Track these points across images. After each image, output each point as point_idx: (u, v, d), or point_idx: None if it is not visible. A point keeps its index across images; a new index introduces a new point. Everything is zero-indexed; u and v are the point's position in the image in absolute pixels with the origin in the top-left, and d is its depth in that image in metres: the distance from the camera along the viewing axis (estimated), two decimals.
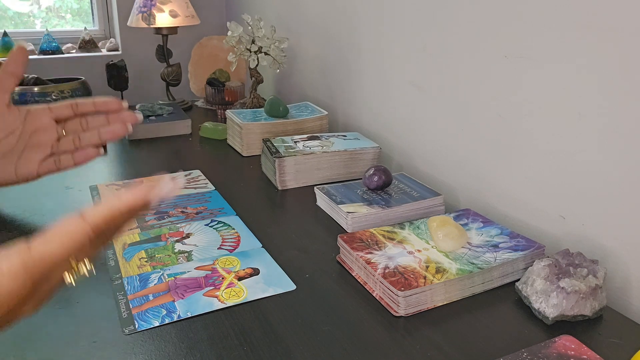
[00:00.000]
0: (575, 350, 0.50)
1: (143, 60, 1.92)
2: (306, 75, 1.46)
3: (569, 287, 0.57)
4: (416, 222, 0.74)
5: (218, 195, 0.92)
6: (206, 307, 0.60)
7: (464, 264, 0.64)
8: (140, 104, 1.36)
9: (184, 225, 0.80)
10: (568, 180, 0.71)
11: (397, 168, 1.07)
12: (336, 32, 1.26)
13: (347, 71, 1.23)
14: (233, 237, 0.76)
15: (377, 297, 0.62)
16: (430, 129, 0.97)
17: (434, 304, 0.60)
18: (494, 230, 0.72)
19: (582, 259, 0.62)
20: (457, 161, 0.91)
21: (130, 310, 0.59)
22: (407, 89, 1.02)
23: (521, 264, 0.66)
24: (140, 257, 0.70)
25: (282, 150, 0.97)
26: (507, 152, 0.80)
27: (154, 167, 1.07)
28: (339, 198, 0.83)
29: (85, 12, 2.05)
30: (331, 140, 1.03)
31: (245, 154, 1.13)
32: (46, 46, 1.85)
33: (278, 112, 1.16)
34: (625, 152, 0.63)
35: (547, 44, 0.71)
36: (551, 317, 0.57)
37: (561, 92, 0.70)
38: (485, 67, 0.81)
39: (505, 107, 0.79)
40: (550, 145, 0.73)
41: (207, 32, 1.85)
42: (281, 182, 0.95)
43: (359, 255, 0.65)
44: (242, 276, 0.66)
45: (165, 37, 1.54)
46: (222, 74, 1.56)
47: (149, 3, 1.48)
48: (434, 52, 0.93)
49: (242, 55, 1.30)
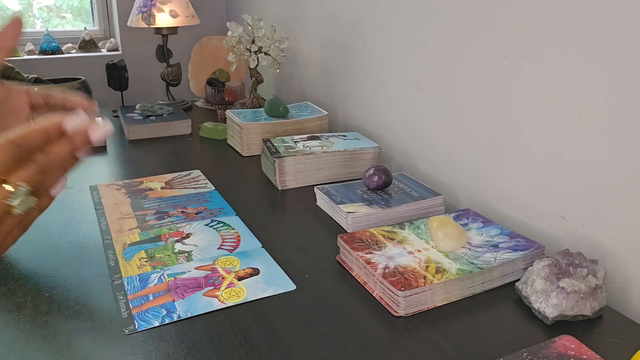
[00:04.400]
0: (575, 350, 0.50)
1: (143, 60, 1.92)
2: (306, 75, 1.46)
3: (569, 287, 0.57)
4: (416, 222, 0.74)
5: (218, 195, 0.92)
6: (206, 307, 0.60)
7: (464, 264, 0.64)
8: (141, 104, 1.36)
9: (184, 225, 0.80)
10: (568, 180, 0.71)
11: (397, 168, 1.07)
12: (336, 32, 1.26)
13: (347, 71, 1.23)
14: (233, 237, 0.76)
15: (377, 297, 0.62)
16: (430, 129, 0.97)
17: (434, 304, 0.60)
18: (494, 230, 0.72)
19: (582, 258, 0.62)
20: (457, 161, 0.91)
21: (130, 310, 0.59)
22: (407, 89, 1.02)
23: (521, 264, 0.66)
24: (140, 257, 0.70)
25: (282, 150, 0.97)
26: (507, 152, 0.80)
27: (153, 167, 1.07)
28: (339, 198, 0.83)
29: (85, 11, 2.04)
30: (331, 140, 1.03)
31: (245, 154, 1.13)
32: (46, 46, 1.85)
33: (278, 112, 1.16)
34: (625, 152, 0.63)
35: (547, 44, 0.71)
36: (551, 317, 0.57)
37: (561, 92, 0.70)
38: (485, 67, 0.82)
39: (505, 107, 0.79)
40: (550, 145, 0.73)
41: (207, 32, 1.85)
42: (281, 182, 0.95)
43: (359, 255, 0.65)
44: (242, 276, 0.66)
45: (165, 37, 1.54)
46: (222, 74, 1.56)
47: (149, 3, 1.48)
48: (434, 52, 0.93)
49: (242, 55, 1.30)
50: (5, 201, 0.43)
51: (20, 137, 0.44)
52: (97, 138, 0.49)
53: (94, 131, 0.48)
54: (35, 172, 0.45)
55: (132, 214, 0.83)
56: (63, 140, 0.47)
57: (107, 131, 0.49)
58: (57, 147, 0.47)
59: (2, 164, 0.43)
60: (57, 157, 0.47)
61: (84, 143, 0.48)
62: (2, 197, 0.43)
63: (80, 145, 0.48)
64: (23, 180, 0.44)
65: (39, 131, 0.45)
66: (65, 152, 0.47)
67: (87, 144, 0.48)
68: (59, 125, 0.46)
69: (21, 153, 0.44)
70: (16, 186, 0.44)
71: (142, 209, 0.86)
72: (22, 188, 0.44)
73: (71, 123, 0.47)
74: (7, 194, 0.43)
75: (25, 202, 0.45)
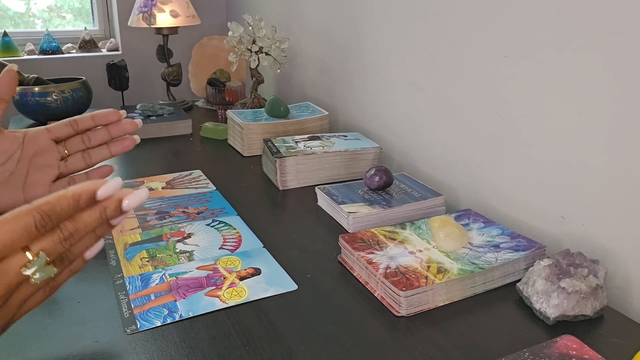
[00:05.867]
0: (577, 350, 0.50)
1: (143, 60, 1.92)
2: (307, 75, 1.46)
3: (570, 287, 0.57)
4: (417, 222, 0.75)
5: (219, 195, 0.92)
6: (208, 307, 0.60)
7: (465, 264, 0.64)
8: (141, 104, 1.36)
9: (185, 225, 0.80)
10: (568, 180, 0.71)
11: (398, 168, 1.07)
12: (337, 32, 1.26)
13: (348, 71, 1.23)
14: (234, 237, 0.76)
15: (379, 297, 0.62)
16: (430, 129, 0.97)
17: (436, 304, 0.61)
18: (495, 230, 0.72)
19: (583, 259, 0.62)
20: (457, 161, 0.91)
21: (132, 310, 0.59)
22: (408, 89, 1.02)
23: (522, 264, 0.66)
24: (141, 257, 0.70)
25: (283, 151, 0.97)
26: (507, 152, 0.80)
27: (154, 167, 1.07)
28: (340, 198, 0.83)
29: (86, 11, 2.05)
30: (332, 140, 1.04)
31: (246, 154, 1.13)
32: (46, 46, 1.85)
33: (279, 112, 1.17)
34: (625, 151, 0.63)
35: (547, 44, 0.71)
36: (552, 317, 0.57)
37: (561, 92, 0.70)
38: (485, 67, 0.82)
39: (505, 107, 0.79)
40: (550, 145, 0.73)
41: (207, 32, 1.85)
42: (282, 182, 0.95)
43: (361, 255, 0.65)
44: (243, 276, 0.66)
45: (165, 37, 1.54)
46: (223, 74, 1.56)
47: (150, 3, 1.48)
48: (434, 52, 0.93)
49: (242, 56, 1.30)
50: (20, 269, 0.42)
51: (47, 203, 0.42)
52: (131, 206, 0.45)
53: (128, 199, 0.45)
54: (59, 241, 0.44)
55: (134, 213, 0.83)
56: (94, 208, 0.45)
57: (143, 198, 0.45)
58: (87, 215, 0.45)
59: (24, 232, 0.41)
60: (87, 226, 0.45)
61: (116, 212, 0.45)
62: (19, 266, 0.42)
63: (113, 214, 0.46)
64: (44, 249, 0.43)
65: (69, 198, 0.43)
66: (96, 220, 0.45)
67: (120, 213, 0.45)
68: (91, 192, 0.44)
69: (46, 221, 0.42)
70: (35, 255, 0.42)
71: (143, 208, 0.86)
72: (40, 258, 0.43)
73: (104, 191, 0.44)
74: (25, 263, 0.42)
75: (43, 271, 0.43)
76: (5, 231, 0.40)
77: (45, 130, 0.73)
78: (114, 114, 0.75)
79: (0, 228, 0.40)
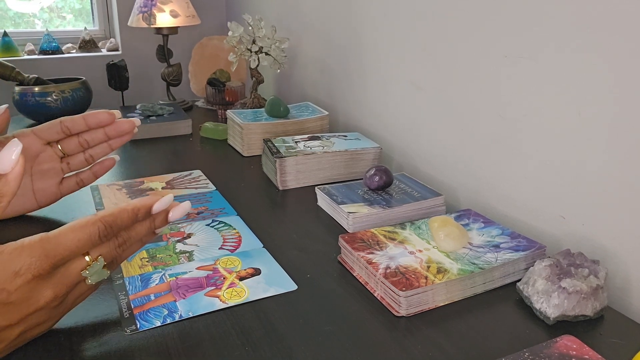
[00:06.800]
0: (577, 350, 0.50)
1: (143, 60, 1.92)
2: (307, 75, 1.46)
3: (570, 287, 0.57)
4: (417, 222, 0.75)
5: (219, 195, 0.92)
6: (208, 307, 0.60)
7: (465, 264, 0.64)
8: (141, 104, 1.36)
9: (185, 225, 0.80)
10: (568, 180, 0.71)
11: (398, 168, 1.07)
12: (337, 32, 1.26)
13: (348, 71, 1.23)
14: (234, 237, 0.76)
15: (379, 297, 0.62)
16: (430, 129, 0.97)
17: (436, 304, 0.61)
18: (495, 230, 0.72)
19: (583, 259, 0.62)
20: (457, 161, 0.91)
21: (132, 310, 0.59)
22: (408, 89, 1.02)
23: (522, 264, 0.66)
24: (141, 257, 0.70)
25: (282, 151, 0.97)
26: (507, 152, 0.80)
27: (154, 167, 1.07)
28: (340, 198, 0.83)
29: (86, 12, 2.05)
30: (332, 140, 1.04)
31: (246, 154, 1.13)
32: (46, 46, 1.85)
33: (279, 112, 1.17)
34: (626, 151, 0.63)
35: (546, 44, 0.71)
36: (552, 317, 0.57)
37: (561, 92, 0.70)
38: (485, 67, 0.82)
39: (505, 107, 0.79)
40: (550, 145, 0.73)
41: (207, 32, 1.85)
42: (282, 182, 0.95)
43: (360, 256, 0.65)
44: (243, 276, 0.66)
45: (165, 37, 1.54)
46: (223, 74, 1.56)
47: (150, 3, 1.48)
48: (434, 51, 0.93)
49: (242, 56, 1.30)
50: (81, 272, 0.47)
51: (110, 215, 0.47)
52: (176, 218, 0.53)
53: (173, 211, 0.53)
54: (115, 247, 0.50)
55: None
56: (146, 219, 0.51)
57: (186, 210, 0.53)
58: (139, 226, 0.51)
59: (89, 240, 0.46)
60: (138, 235, 0.51)
61: (163, 223, 0.53)
62: (81, 268, 0.47)
63: (160, 225, 0.53)
64: (102, 254, 0.49)
65: (129, 212, 0.49)
66: (146, 230, 0.52)
67: (165, 224, 0.53)
68: (148, 207, 0.50)
69: (108, 231, 0.47)
70: (94, 259, 0.48)
71: None
72: (98, 262, 0.48)
73: (159, 206, 0.51)
74: (85, 266, 0.47)
75: (99, 274, 0.49)
76: (72, 239, 0.45)
77: (34, 136, 0.74)
78: (106, 115, 0.76)
79: (68, 236, 0.45)
